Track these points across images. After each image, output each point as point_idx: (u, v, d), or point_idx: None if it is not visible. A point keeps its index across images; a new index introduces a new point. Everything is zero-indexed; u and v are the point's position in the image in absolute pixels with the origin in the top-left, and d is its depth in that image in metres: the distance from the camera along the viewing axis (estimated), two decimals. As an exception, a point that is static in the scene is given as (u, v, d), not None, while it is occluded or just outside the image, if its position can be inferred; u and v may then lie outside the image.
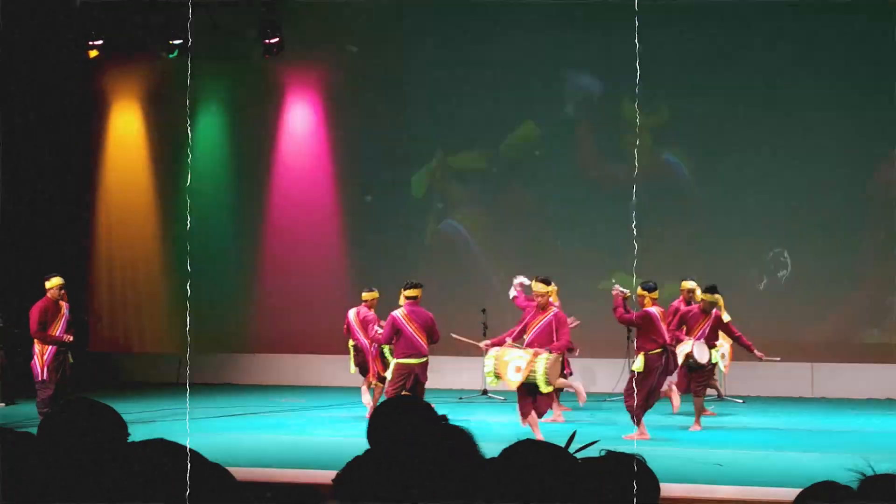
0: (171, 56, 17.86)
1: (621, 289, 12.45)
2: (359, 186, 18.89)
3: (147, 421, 13.29)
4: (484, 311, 16.19)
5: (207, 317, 19.51)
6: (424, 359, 12.55)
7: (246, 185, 19.50)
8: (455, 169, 18.59)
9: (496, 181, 18.33)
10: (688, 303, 13.90)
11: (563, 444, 2.88)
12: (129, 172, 19.91)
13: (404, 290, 12.74)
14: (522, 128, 18.16)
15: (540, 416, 12.18)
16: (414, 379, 12.43)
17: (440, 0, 17.73)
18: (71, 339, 13.06)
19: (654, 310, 12.50)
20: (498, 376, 12.18)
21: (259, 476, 8.36)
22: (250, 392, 17.57)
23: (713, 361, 13.34)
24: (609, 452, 2.69)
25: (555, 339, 12.06)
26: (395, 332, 12.53)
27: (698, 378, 13.31)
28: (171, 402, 16.00)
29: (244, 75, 19.24)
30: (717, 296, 13.32)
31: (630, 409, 12.35)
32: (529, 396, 11.98)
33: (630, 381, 12.42)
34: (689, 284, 14.15)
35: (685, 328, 13.32)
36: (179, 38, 17.62)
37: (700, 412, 13.36)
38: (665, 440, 12.52)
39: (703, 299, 13.39)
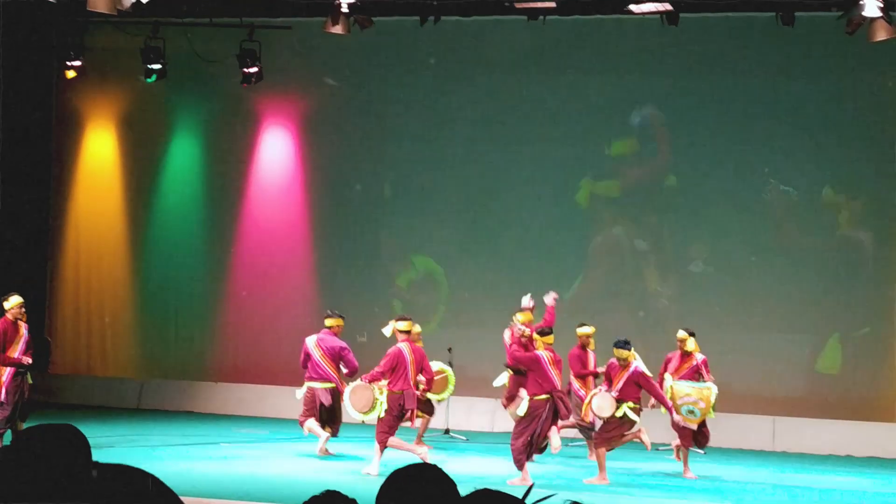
0: (148, 80, 17.82)
1: (521, 327, 12.43)
2: (331, 218, 18.84)
3: (105, 446, 13.16)
4: (450, 349, 16.17)
5: (171, 343, 19.40)
6: (328, 384, 13.80)
7: (217, 214, 19.41)
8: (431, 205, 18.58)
9: (472, 215, 18.31)
10: (684, 353, 13.83)
11: (520, 496, 2.84)
12: (100, 194, 19.78)
13: (325, 318, 14.24)
14: (503, 161, 18.18)
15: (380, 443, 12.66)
16: (319, 402, 13.79)
17: (418, 35, 17.77)
18: (30, 361, 12.89)
19: (545, 354, 12.26)
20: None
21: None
22: (211, 421, 17.42)
23: (618, 415, 12.56)
24: (573, 503, 2.65)
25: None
26: (306, 357, 13.93)
27: (603, 430, 12.72)
28: (129, 427, 15.85)
29: (221, 103, 19.20)
30: (622, 351, 12.73)
31: (514, 452, 12.20)
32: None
33: (515, 426, 12.35)
34: (679, 334, 13.99)
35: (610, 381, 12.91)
36: (158, 63, 17.59)
37: (602, 464, 12.72)
38: (625, 488, 12.51)
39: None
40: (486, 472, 13.00)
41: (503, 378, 13.56)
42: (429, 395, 14.69)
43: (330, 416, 13.95)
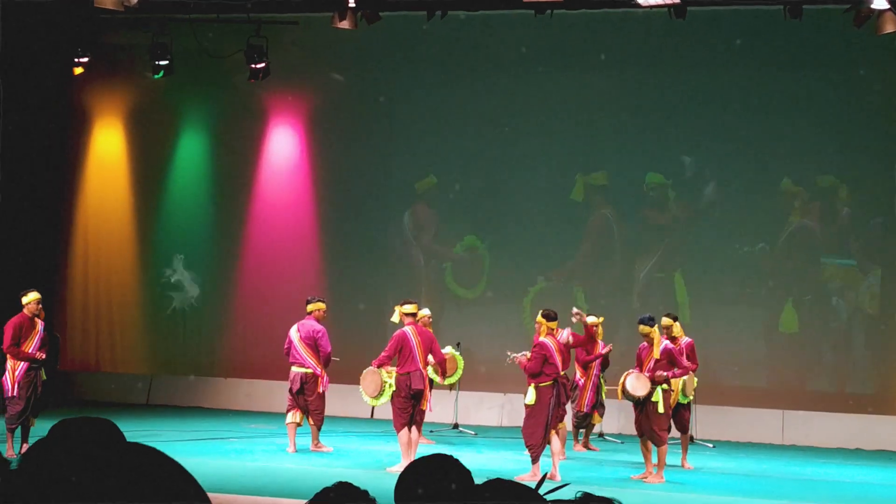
0: (156, 76, 17.85)
1: (520, 358, 12.32)
2: (339, 214, 18.86)
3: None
4: (458, 344, 16.17)
5: (180, 339, 19.43)
6: (304, 370, 13.78)
7: (225, 209, 19.44)
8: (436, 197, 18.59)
9: (480, 209, 18.31)
10: (670, 338, 13.68)
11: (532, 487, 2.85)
12: (108, 191, 19.83)
13: (306, 303, 14.13)
14: (510, 155, 18.17)
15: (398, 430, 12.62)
16: (300, 385, 13.77)
17: (426, 30, 17.76)
18: (44, 356, 12.95)
19: (549, 340, 12.15)
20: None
21: (221, 502, 8.29)
22: (220, 417, 17.45)
23: (654, 398, 12.24)
24: (585, 494, 2.65)
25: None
26: (289, 343, 13.91)
27: (656, 426, 12.26)
28: (138, 423, 15.88)
29: (228, 98, 19.22)
30: (644, 327, 12.48)
31: (530, 446, 12.08)
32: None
33: (527, 418, 12.15)
34: (664, 321, 13.82)
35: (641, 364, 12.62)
36: (165, 59, 17.63)
37: (662, 462, 12.44)
38: (636, 483, 12.50)
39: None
40: (495, 466, 13.00)
41: (531, 395, 12.74)
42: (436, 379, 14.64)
43: (306, 405, 13.89)
